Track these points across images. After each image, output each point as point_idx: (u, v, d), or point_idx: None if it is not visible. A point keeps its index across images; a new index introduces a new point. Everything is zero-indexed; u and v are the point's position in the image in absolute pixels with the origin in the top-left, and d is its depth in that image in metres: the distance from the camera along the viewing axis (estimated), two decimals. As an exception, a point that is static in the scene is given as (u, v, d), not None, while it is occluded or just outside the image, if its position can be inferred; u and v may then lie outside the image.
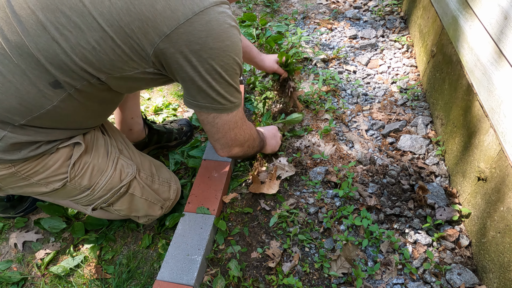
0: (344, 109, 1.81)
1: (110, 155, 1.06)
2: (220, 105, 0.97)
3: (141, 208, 1.16)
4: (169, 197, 1.23)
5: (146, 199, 1.15)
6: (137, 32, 0.78)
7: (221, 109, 0.98)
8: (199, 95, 0.93)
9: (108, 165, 1.04)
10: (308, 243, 1.27)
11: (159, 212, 1.22)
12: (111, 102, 1.03)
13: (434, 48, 1.75)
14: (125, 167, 1.08)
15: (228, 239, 1.29)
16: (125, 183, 1.07)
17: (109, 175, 1.04)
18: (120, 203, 1.11)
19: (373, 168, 1.50)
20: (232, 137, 1.08)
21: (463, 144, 1.34)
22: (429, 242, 1.23)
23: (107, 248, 1.29)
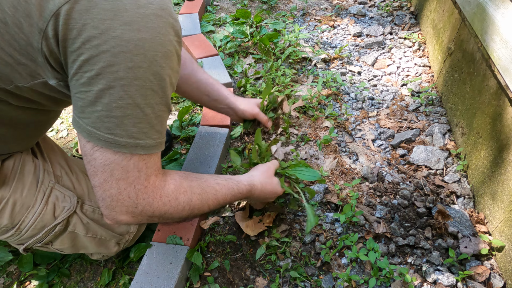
0: (347, 116, 1.57)
1: (40, 185, 0.83)
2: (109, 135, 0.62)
3: (89, 246, 0.94)
4: (128, 230, 1.00)
5: (93, 236, 0.92)
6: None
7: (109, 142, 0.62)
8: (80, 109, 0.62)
9: (37, 198, 0.82)
10: (302, 281, 1.04)
11: (115, 249, 0.99)
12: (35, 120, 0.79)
13: (452, 45, 1.51)
14: (60, 201, 0.85)
15: (204, 275, 1.06)
16: (60, 220, 0.85)
17: (38, 212, 0.81)
18: (60, 243, 0.89)
19: (381, 186, 1.26)
20: (113, 194, 0.67)
21: (491, 159, 1.10)
22: (452, 282, 0.99)
23: (58, 285, 1.07)
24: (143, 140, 0.65)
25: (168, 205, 0.75)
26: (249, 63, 1.89)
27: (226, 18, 2.30)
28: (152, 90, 0.63)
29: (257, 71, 1.79)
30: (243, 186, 0.93)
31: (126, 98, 0.60)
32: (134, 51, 0.58)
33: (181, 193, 0.77)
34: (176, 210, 0.77)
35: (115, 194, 0.67)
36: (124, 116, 0.61)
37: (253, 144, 1.13)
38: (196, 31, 2.07)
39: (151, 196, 0.71)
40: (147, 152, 0.67)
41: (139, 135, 0.64)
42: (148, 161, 0.69)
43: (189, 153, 1.34)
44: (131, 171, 0.66)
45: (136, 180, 0.68)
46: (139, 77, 0.60)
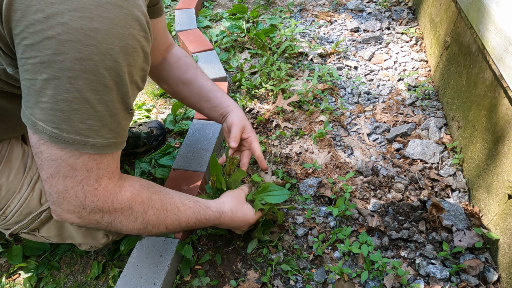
0: (343, 110, 1.56)
1: (27, 170, 0.82)
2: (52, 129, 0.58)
3: (76, 236, 0.93)
4: None
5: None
6: None
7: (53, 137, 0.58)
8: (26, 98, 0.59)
9: (23, 184, 0.80)
10: (293, 275, 1.02)
11: (103, 241, 0.98)
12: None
13: (448, 38, 1.50)
14: None
15: (195, 269, 1.05)
16: (46, 207, 0.83)
17: (23, 198, 0.80)
18: (46, 230, 0.88)
19: (375, 180, 1.25)
20: (60, 190, 0.63)
21: (487, 152, 1.09)
22: (446, 276, 0.97)
23: (48, 278, 1.06)
24: (93, 138, 0.61)
25: (119, 212, 0.70)
26: (244, 58, 1.87)
27: (223, 13, 2.28)
28: (105, 85, 0.58)
29: (252, 65, 1.78)
30: (211, 212, 0.88)
31: (73, 92, 0.56)
32: (84, 41, 0.53)
33: (138, 203, 0.72)
34: (128, 220, 0.72)
35: (61, 191, 0.63)
36: (71, 110, 0.57)
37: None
38: (192, 26, 2.06)
39: (101, 200, 0.67)
40: (98, 152, 0.62)
41: (88, 132, 0.60)
42: (100, 162, 0.64)
43: (182, 147, 1.32)
44: (79, 170, 0.62)
45: (85, 180, 0.64)
46: (88, 70, 0.55)
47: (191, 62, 1.13)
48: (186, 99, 1.13)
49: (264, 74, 1.70)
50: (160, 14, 0.99)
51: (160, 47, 1.06)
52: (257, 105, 1.59)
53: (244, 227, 0.99)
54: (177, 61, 1.10)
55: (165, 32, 1.06)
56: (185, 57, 1.12)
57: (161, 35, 1.04)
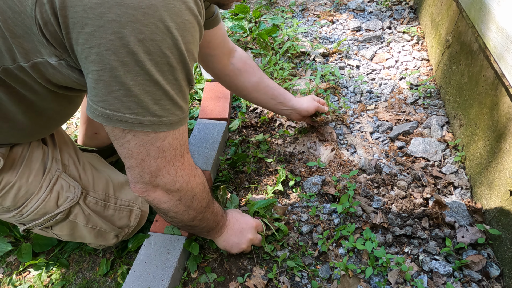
0: (346, 109, 1.57)
1: (47, 172, 0.83)
2: (130, 115, 0.59)
3: (87, 237, 0.94)
4: (128, 224, 1.01)
5: (93, 227, 0.93)
6: None
7: (132, 122, 0.60)
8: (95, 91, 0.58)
9: (42, 185, 0.82)
10: (299, 271, 1.04)
11: (113, 241, 1.00)
12: (42, 112, 0.77)
13: (450, 37, 1.51)
14: (65, 190, 0.85)
15: (202, 266, 1.07)
16: (62, 209, 0.85)
17: (41, 199, 0.82)
18: (59, 229, 0.90)
19: (378, 178, 1.26)
20: (153, 171, 0.68)
21: (488, 149, 1.10)
22: (449, 271, 0.99)
23: (57, 276, 1.07)
24: (166, 117, 0.63)
25: (200, 185, 0.79)
26: (247, 58, 1.89)
27: (225, 13, 2.30)
28: (170, 65, 0.58)
29: (255, 65, 1.79)
30: (218, 208, 0.96)
31: (143, 74, 0.56)
32: (144, 20, 0.51)
33: (205, 182, 0.83)
34: (202, 195, 0.81)
35: (154, 171, 0.68)
36: (144, 93, 0.57)
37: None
38: (195, 27, 2.07)
39: (188, 175, 0.75)
40: (172, 129, 0.65)
41: (162, 112, 0.61)
42: (181, 139, 0.69)
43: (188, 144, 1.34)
44: (167, 150, 0.67)
45: (174, 158, 0.69)
46: (152, 52, 0.54)
47: (253, 64, 1.23)
48: (254, 99, 1.27)
49: (267, 74, 1.71)
50: (218, 23, 1.05)
51: (224, 53, 1.14)
52: (261, 105, 1.61)
53: (248, 231, 1.01)
54: (244, 65, 1.19)
55: (226, 38, 1.13)
56: (249, 60, 1.22)
57: (222, 42, 1.11)
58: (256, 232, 1.04)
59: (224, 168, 1.34)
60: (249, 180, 1.30)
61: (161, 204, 0.76)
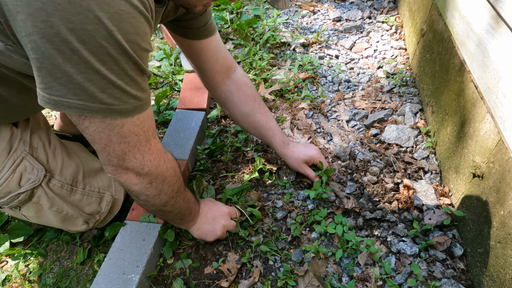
0: (323, 98, 1.60)
1: (12, 153, 0.85)
2: (78, 101, 0.58)
3: (53, 220, 0.96)
4: (98, 210, 1.02)
5: (58, 211, 0.94)
6: None
7: (80, 108, 0.59)
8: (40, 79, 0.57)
9: (6, 165, 0.84)
10: (272, 255, 1.07)
11: (84, 227, 1.02)
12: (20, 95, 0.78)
13: (424, 26, 1.54)
14: (28, 172, 0.87)
15: (178, 252, 1.09)
16: (24, 190, 0.87)
17: (4, 178, 0.84)
18: (26, 210, 0.92)
19: (352, 164, 1.29)
20: (119, 155, 0.70)
21: (455, 134, 1.14)
22: (415, 252, 1.03)
23: (35, 265, 1.09)
24: (118, 105, 0.62)
25: (171, 169, 0.81)
26: (228, 49, 1.90)
27: (207, 4, 2.29)
28: (110, 55, 0.56)
29: (235, 55, 1.80)
30: (192, 201, 0.98)
31: (81, 63, 0.55)
32: (71, 9, 0.50)
33: (176, 166, 0.85)
34: (173, 180, 0.83)
35: (120, 155, 0.70)
36: (87, 81, 0.57)
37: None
38: (176, 18, 2.07)
39: (157, 159, 0.76)
40: (125, 116, 0.65)
41: (111, 100, 0.61)
42: (142, 126, 0.70)
43: (165, 136, 1.35)
44: (129, 136, 0.68)
45: (138, 144, 0.71)
46: (86, 41, 0.53)
47: (250, 92, 1.15)
48: (243, 128, 1.22)
49: (247, 64, 1.73)
50: (210, 34, 1.01)
51: (218, 71, 1.08)
52: (240, 95, 1.62)
53: (221, 218, 1.04)
54: (237, 91, 1.13)
55: (220, 53, 1.07)
56: (245, 86, 1.14)
57: (215, 57, 1.05)
58: (230, 218, 1.07)
59: (202, 158, 1.36)
60: (227, 169, 1.32)
61: (132, 186, 0.78)
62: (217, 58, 1.07)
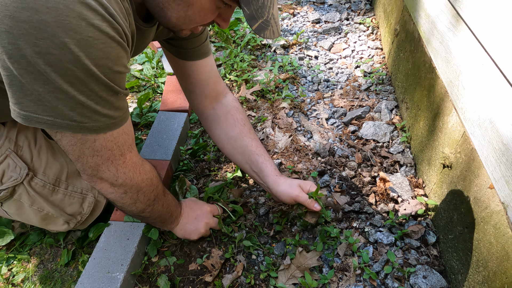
0: (303, 97, 1.64)
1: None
2: (47, 117, 0.59)
3: (33, 218, 0.97)
4: (80, 211, 1.03)
5: (38, 210, 0.95)
6: None
7: (51, 124, 0.60)
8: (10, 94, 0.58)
9: None
10: (255, 250, 1.10)
11: (64, 227, 1.03)
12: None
13: (397, 26, 1.60)
14: (10, 169, 0.89)
15: (162, 250, 1.11)
16: (5, 187, 0.89)
17: None
18: (7, 206, 0.93)
19: (332, 160, 1.34)
20: (92, 166, 0.72)
21: (427, 128, 1.19)
22: (391, 241, 1.07)
23: (18, 268, 1.09)
24: (88, 123, 0.63)
25: (146, 181, 0.82)
26: (210, 51, 1.93)
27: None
28: (78, 78, 0.57)
29: (217, 57, 1.83)
30: (171, 196, 0.99)
31: (50, 84, 0.56)
32: (37, 34, 0.51)
33: (154, 177, 0.86)
34: (149, 189, 0.84)
35: (93, 166, 0.72)
36: (56, 100, 0.58)
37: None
38: (158, 22, 2.09)
39: (131, 171, 0.77)
40: (96, 133, 0.66)
41: (81, 118, 0.62)
42: (117, 141, 0.71)
43: (148, 137, 1.37)
44: (101, 150, 0.69)
45: (111, 157, 0.72)
46: (54, 64, 0.54)
47: (239, 117, 1.08)
48: (229, 155, 1.11)
49: (228, 66, 1.76)
50: (202, 57, 0.99)
51: (207, 96, 1.05)
52: (222, 96, 1.65)
53: (204, 216, 1.07)
54: (226, 113, 1.07)
55: (212, 77, 1.04)
56: (234, 111, 1.08)
57: (206, 82, 1.03)
58: (212, 216, 1.09)
59: (185, 158, 1.38)
60: (209, 168, 1.35)
61: (108, 194, 0.80)
62: (208, 82, 1.04)
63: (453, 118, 1.00)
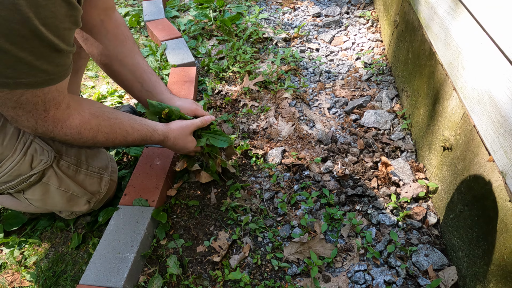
0: (305, 88, 1.67)
1: (21, 136, 0.88)
2: None
3: (59, 202, 0.99)
4: (98, 190, 1.07)
5: (65, 190, 0.98)
6: None
7: None
8: None
9: (17, 148, 0.87)
10: (261, 232, 1.13)
11: (85, 207, 1.05)
12: None
13: (397, 17, 1.63)
14: (39, 153, 0.91)
15: (170, 233, 1.14)
16: (36, 171, 0.91)
17: (16, 161, 0.87)
18: (32, 192, 0.95)
19: (334, 147, 1.37)
20: (12, 115, 0.74)
21: (428, 114, 1.22)
22: (394, 222, 1.10)
23: (30, 252, 1.11)
24: (25, 78, 0.66)
25: (69, 135, 0.83)
26: (212, 45, 1.96)
27: (190, 3, 2.35)
28: (22, 36, 0.60)
29: (219, 50, 1.86)
30: (156, 135, 1.01)
31: None
32: None
33: (86, 130, 0.84)
34: (78, 142, 0.86)
35: (13, 117, 0.74)
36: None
37: None
38: (160, 16, 2.12)
39: (51, 125, 0.79)
40: (33, 88, 0.68)
41: (19, 74, 0.65)
42: (45, 97, 0.72)
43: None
44: (26, 104, 0.71)
45: (33, 110, 0.74)
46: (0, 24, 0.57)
47: (129, 34, 1.07)
48: (117, 75, 1.08)
49: (231, 58, 1.79)
50: None
51: (95, 3, 0.98)
52: (225, 87, 1.68)
53: (183, 152, 1.13)
54: (115, 28, 1.02)
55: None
56: (124, 27, 1.05)
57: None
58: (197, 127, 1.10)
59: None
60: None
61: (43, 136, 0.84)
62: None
63: (453, 102, 1.03)
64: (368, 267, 1.02)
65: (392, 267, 1.01)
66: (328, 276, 1.00)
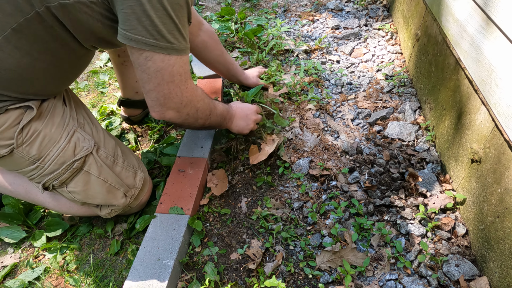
0: (328, 99, 1.71)
1: (66, 126, 0.99)
2: (153, 40, 0.81)
3: (99, 192, 1.05)
4: (134, 184, 1.14)
5: (104, 180, 1.05)
6: None
7: (153, 45, 0.82)
8: (128, 22, 0.80)
9: (62, 136, 0.97)
10: (292, 241, 1.16)
11: (122, 201, 1.11)
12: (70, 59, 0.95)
13: (419, 31, 1.67)
14: (81, 141, 1.00)
15: (205, 241, 1.18)
16: (79, 157, 0.99)
17: (62, 147, 0.96)
18: (75, 183, 1.02)
19: (360, 158, 1.40)
20: (166, 94, 0.91)
21: (453, 127, 1.26)
22: (423, 232, 1.13)
23: (71, 257, 1.17)
24: (176, 44, 0.85)
25: (201, 102, 1.04)
26: (235, 56, 2.01)
27: (211, 16, 2.42)
28: (180, 5, 0.82)
29: (244, 61, 1.92)
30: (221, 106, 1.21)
31: (161, 10, 0.79)
32: None
33: (205, 97, 1.09)
34: (204, 107, 1.06)
35: (167, 94, 0.90)
36: (162, 24, 0.80)
37: None
38: (184, 29, 2.19)
39: (192, 95, 0.98)
40: (179, 54, 0.87)
41: (173, 39, 0.84)
42: (185, 67, 0.91)
43: (185, 137, 1.45)
44: (176, 75, 0.88)
45: (180, 82, 0.91)
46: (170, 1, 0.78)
47: (217, 38, 1.46)
48: (214, 69, 1.58)
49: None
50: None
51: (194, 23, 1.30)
52: (250, 98, 1.73)
53: (251, 114, 1.34)
54: (209, 39, 1.42)
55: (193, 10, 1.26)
56: (213, 34, 1.45)
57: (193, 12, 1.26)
58: (257, 113, 1.36)
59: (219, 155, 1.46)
60: (243, 164, 1.42)
61: (176, 120, 1.00)
62: (194, 13, 1.27)
63: (481, 116, 1.06)
64: (399, 276, 1.05)
65: (423, 276, 1.04)
66: (360, 284, 1.03)
